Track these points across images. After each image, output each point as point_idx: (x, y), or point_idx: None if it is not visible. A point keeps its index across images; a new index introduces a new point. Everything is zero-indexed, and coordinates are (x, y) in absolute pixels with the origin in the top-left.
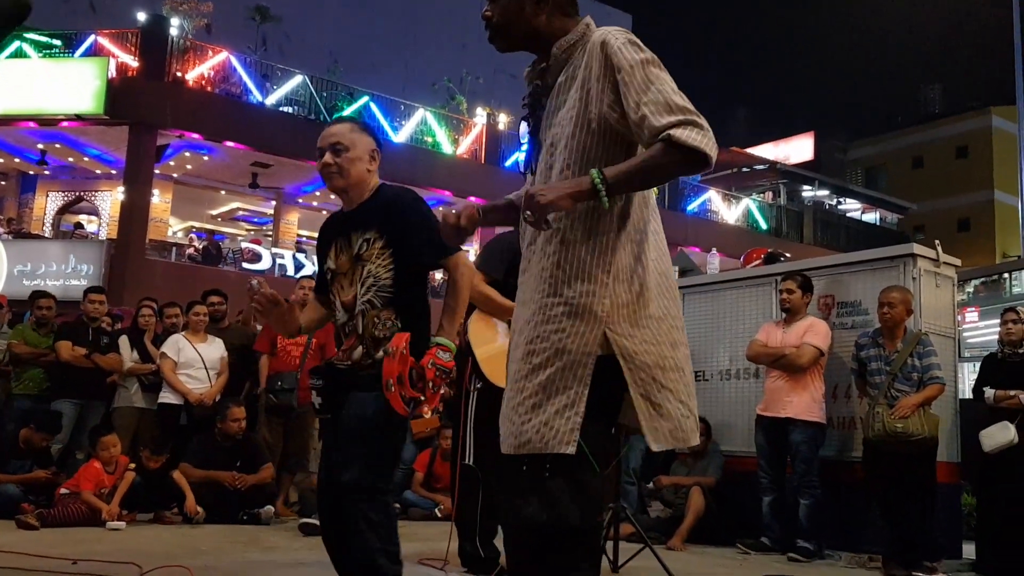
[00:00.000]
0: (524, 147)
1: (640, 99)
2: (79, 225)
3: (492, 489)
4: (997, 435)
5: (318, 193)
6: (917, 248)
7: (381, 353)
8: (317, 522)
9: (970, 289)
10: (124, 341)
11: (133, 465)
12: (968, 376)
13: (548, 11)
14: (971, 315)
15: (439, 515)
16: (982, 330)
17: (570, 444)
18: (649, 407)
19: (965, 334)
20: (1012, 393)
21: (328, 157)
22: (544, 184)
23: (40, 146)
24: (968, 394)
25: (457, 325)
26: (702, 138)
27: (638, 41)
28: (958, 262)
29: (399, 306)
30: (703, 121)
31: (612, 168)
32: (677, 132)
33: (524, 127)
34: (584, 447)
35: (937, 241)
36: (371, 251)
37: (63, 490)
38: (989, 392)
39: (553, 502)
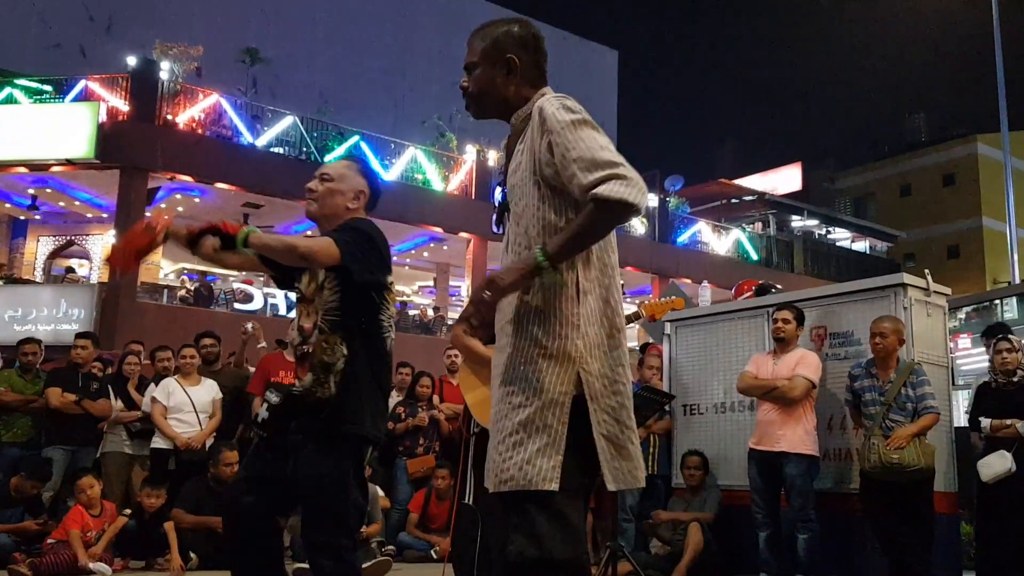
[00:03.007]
0: (496, 210)
1: (568, 157)
2: (70, 269)
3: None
4: (995, 464)
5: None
6: (907, 278)
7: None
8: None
9: (962, 316)
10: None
11: (128, 511)
12: (962, 404)
13: (517, 83)
14: (964, 341)
15: (435, 556)
16: (975, 357)
17: (553, 481)
18: (611, 447)
19: (958, 361)
20: (1008, 422)
21: (313, 183)
22: (507, 253)
23: (31, 191)
24: (963, 422)
25: (267, 242)
26: (626, 189)
27: (572, 105)
28: (948, 291)
29: (346, 330)
30: (628, 171)
31: (553, 241)
32: (602, 189)
33: (498, 191)
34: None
35: (927, 270)
36: (326, 279)
37: (51, 540)
38: (985, 422)
39: (539, 537)
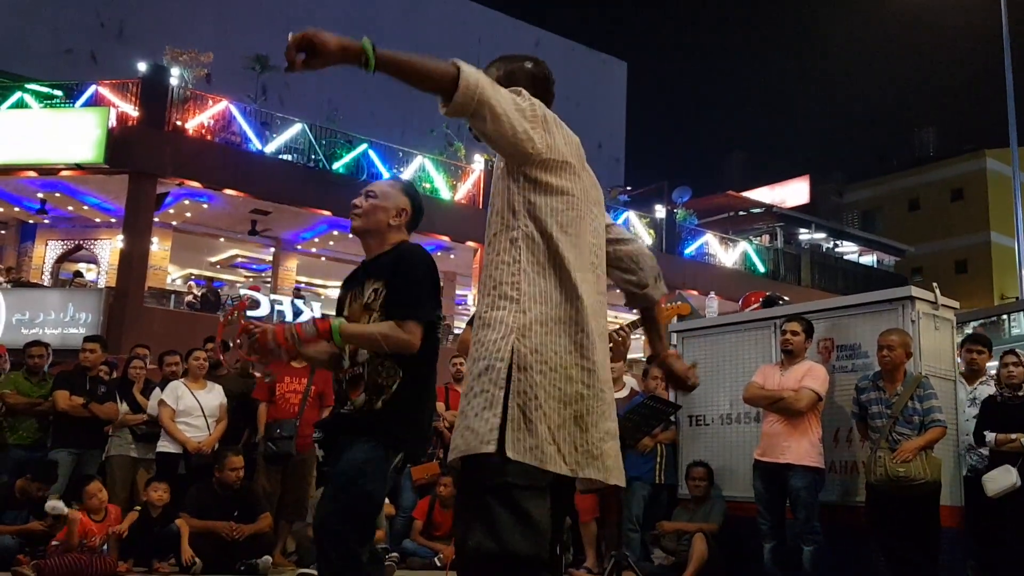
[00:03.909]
0: None
1: None
2: (78, 273)
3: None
4: (1000, 479)
5: (316, 240)
6: (915, 291)
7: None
8: (315, 572)
9: (969, 330)
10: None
11: (139, 508)
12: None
13: None
14: None
15: (439, 564)
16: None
17: (489, 444)
18: (521, 417)
19: None
20: (1013, 436)
21: (358, 199)
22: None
23: (40, 195)
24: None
25: (356, 339)
26: (474, 74)
27: (523, 92)
28: (956, 304)
29: (399, 357)
30: (494, 97)
31: (390, 49)
32: (464, 65)
33: None
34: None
35: (935, 284)
36: (378, 301)
37: (55, 542)
38: (990, 436)
39: (498, 531)
